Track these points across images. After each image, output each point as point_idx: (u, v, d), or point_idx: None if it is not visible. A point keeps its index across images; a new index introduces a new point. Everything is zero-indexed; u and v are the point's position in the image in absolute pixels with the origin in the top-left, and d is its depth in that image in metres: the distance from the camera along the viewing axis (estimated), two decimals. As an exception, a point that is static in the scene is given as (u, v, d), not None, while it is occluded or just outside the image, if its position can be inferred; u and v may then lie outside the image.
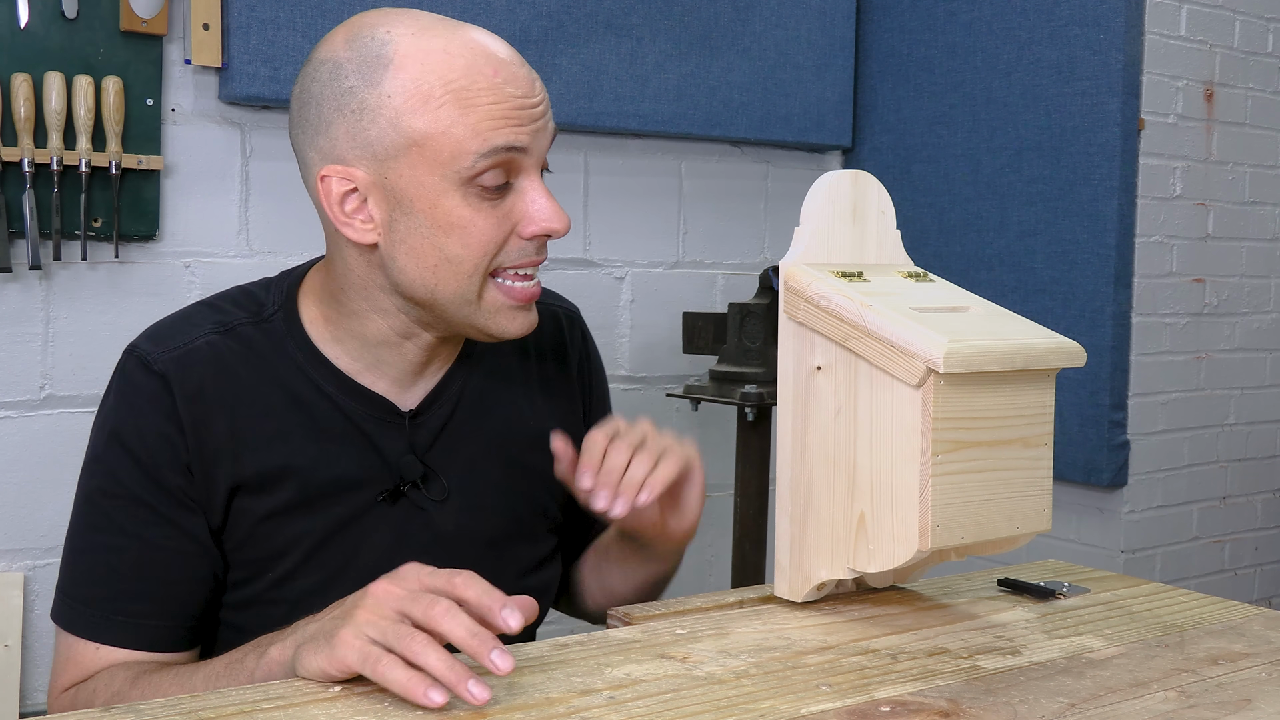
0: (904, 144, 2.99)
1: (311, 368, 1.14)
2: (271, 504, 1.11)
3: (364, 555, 1.14)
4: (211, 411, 1.10)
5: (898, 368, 0.98)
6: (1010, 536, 1.05)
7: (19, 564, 2.19)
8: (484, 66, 1.05)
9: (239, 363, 1.12)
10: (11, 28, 2.09)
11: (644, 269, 2.86)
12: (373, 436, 1.15)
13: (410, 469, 1.15)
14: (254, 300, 1.17)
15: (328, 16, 2.33)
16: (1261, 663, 1.00)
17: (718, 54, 2.83)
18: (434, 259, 1.07)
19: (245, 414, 1.11)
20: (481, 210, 1.06)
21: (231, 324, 1.14)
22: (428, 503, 1.16)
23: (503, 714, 0.83)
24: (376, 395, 1.15)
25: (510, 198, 1.08)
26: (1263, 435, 2.93)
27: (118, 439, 1.10)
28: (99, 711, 0.81)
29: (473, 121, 1.04)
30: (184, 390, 1.09)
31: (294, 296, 1.17)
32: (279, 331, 1.14)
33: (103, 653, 1.09)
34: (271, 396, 1.12)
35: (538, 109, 1.08)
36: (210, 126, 2.33)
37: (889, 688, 0.90)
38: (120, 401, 1.12)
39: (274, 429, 1.12)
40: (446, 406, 1.19)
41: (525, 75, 1.08)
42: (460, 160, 1.04)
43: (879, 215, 1.12)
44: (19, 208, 2.10)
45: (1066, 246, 2.65)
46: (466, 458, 1.19)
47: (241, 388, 1.12)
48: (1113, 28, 2.57)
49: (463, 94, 1.04)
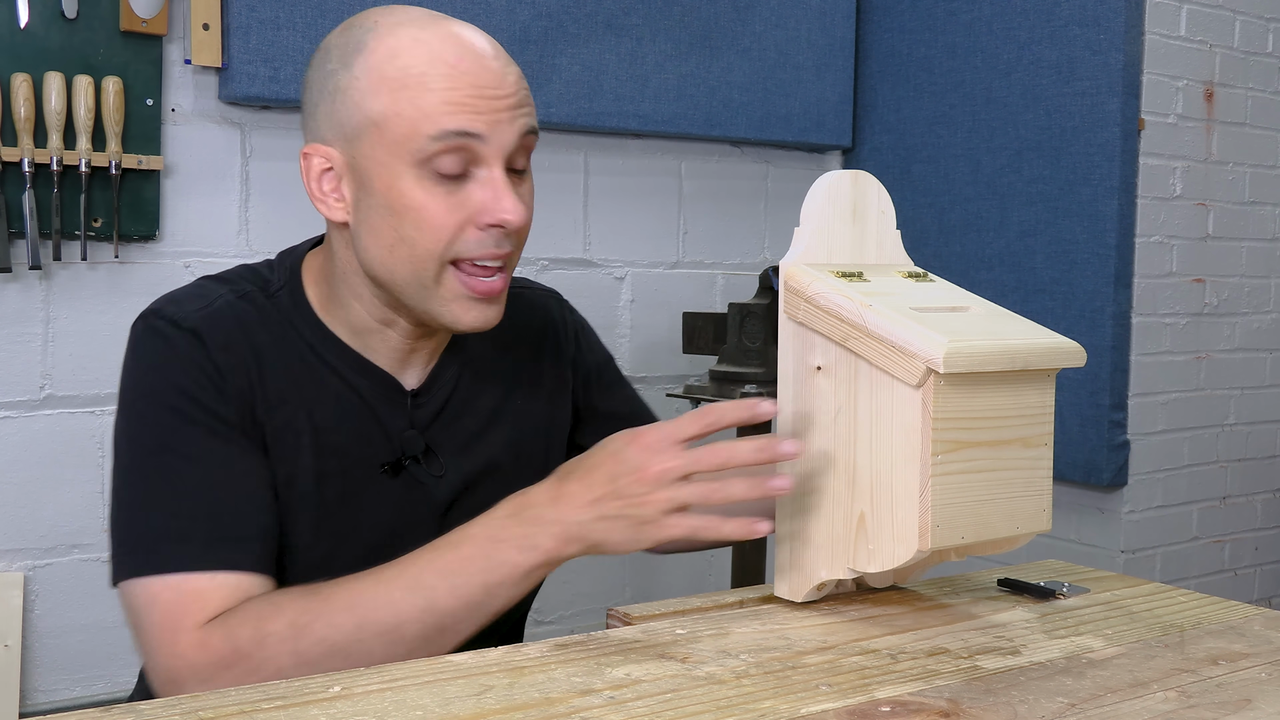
0: (904, 144, 2.99)
1: (318, 342, 1.16)
2: (289, 465, 1.12)
3: (364, 526, 1.16)
4: (240, 364, 1.11)
5: (898, 368, 0.98)
6: (1010, 536, 1.05)
7: (19, 564, 2.19)
8: (448, 53, 1.07)
9: (257, 324, 1.14)
10: (11, 28, 2.09)
11: (644, 269, 2.86)
12: (377, 411, 1.17)
13: (412, 443, 1.18)
14: (259, 276, 1.19)
15: (328, 16, 2.33)
16: (1261, 663, 1.00)
17: (718, 54, 2.83)
18: (390, 239, 1.09)
19: (267, 371, 1.13)
20: (435, 195, 1.08)
21: (244, 292, 1.16)
22: (427, 477, 1.19)
23: (503, 714, 0.83)
24: (382, 372, 1.18)
25: (469, 186, 1.09)
26: (1263, 435, 2.93)
27: (165, 386, 1.08)
28: (99, 712, 0.81)
29: (427, 105, 1.06)
30: (214, 342, 1.10)
31: (297, 274, 1.19)
32: (286, 306, 1.17)
33: (220, 580, 1.04)
34: (287, 362, 1.14)
35: (502, 100, 1.08)
36: (210, 126, 2.33)
37: (889, 688, 0.90)
38: (152, 358, 1.10)
39: (290, 393, 1.13)
40: (446, 388, 1.21)
41: (496, 67, 1.09)
42: (413, 142, 1.06)
43: (879, 215, 1.12)
44: (19, 208, 2.11)
45: (1066, 246, 2.65)
46: (463, 438, 1.22)
47: (261, 349, 1.13)
48: (1113, 28, 2.57)
49: (421, 78, 1.07)
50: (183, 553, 1.04)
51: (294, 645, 1.00)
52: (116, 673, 2.30)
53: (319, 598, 1.02)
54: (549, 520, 1.01)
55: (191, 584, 1.03)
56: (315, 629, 1.00)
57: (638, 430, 1.01)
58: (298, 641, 1.00)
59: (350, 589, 1.02)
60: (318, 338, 1.16)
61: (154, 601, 1.03)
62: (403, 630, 1.01)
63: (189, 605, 1.02)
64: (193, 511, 1.05)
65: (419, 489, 1.19)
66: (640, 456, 0.99)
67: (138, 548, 1.05)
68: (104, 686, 2.29)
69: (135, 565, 1.05)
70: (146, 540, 1.05)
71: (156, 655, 1.02)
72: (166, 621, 1.02)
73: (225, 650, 1.00)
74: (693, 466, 0.98)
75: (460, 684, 0.88)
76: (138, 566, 1.05)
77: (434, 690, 0.86)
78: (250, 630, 1.00)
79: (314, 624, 1.00)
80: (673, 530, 0.99)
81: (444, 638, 1.02)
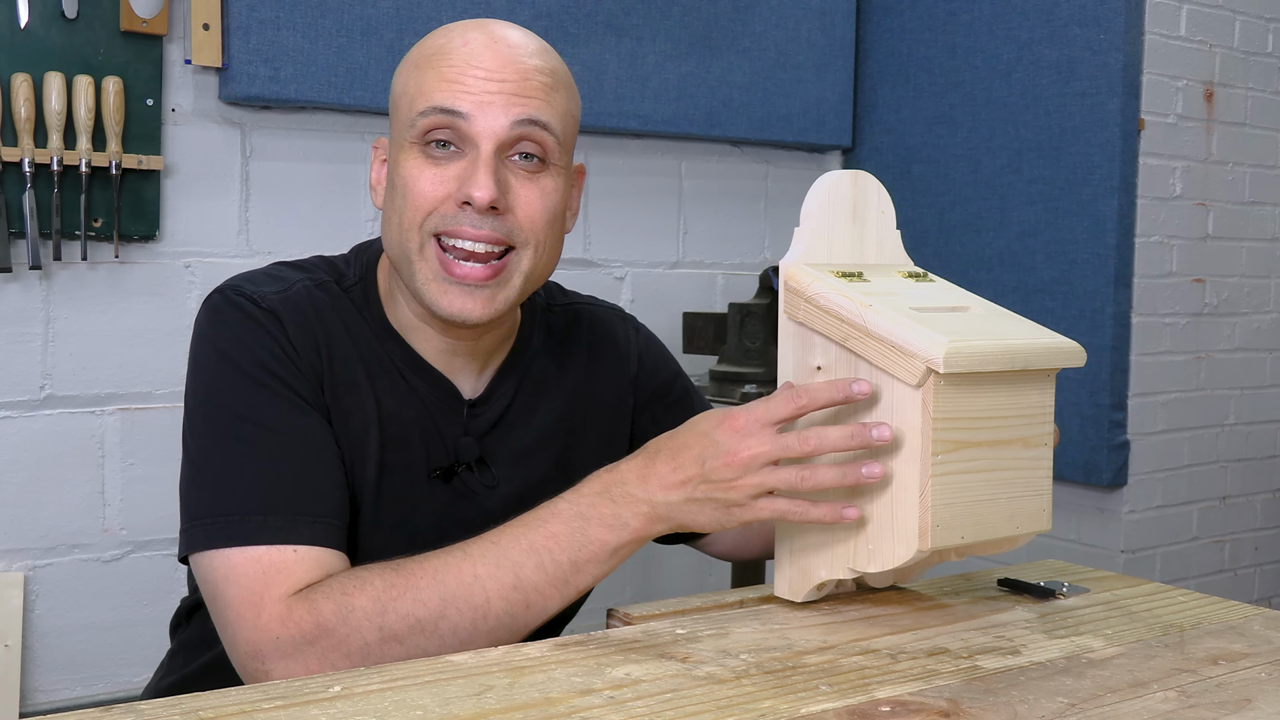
0: (904, 144, 2.99)
1: (384, 339, 1.17)
2: (349, 451, 1.12)
3: (413, 525, 1.15)
4: (314, 346, 1.12)
5: (898, 368, 0.98)
6: (1010, 536, 1.05)
7: (19, 564, 2.19)
8: (460, 42, 1.10)
9: (331, 312, 1.15)
10: (11, 28, 2.09)
11: (644, 269, 2.86)
12: (435, 416, 1.17)
13: (467, 451, 1.18)
14: (335, 269, 1.20)
15: (328, 16, 2.33)
16: (1261, 663, 1.00)
17: (718, 54, 2.83)
18: (390, 213, 1.13)
19: (337, 357, 1.13)
20: (426, 170, 1.10)
21: (321, 281, 1.17)
22: (479, 486, 1.19)
23: (503, 714, 0.83)
24: (442, 377, 1.18)
25: (458, 164, 1.10)
26: (1263, 435, 2.93)
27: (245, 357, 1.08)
28: (99, 712, 0.81)
29: (425, 83, 1.10)
30: (293, 322, 1.11)
31: (373, 269, 1.20)
32: (358, 300, 1.18)
33: (305, 553, 1.02)
34: (356, 354, 1.15)
35: (496, 84, 1.09)
36: (210, 126, 2.33)
37: (889, 688, 0.90)
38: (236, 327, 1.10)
39: (358, 382, 1.14)
40: (503, 400, 1.21)
41: (504, 54, 1.10)
42: (409, 118, 1.10)
43: (879, 215, 1.12)
44: (19, 208, 2.11)
45: (1066, 246, 2.65)
46: (519, 450, 1.21)
47: (333, 336, 1.14)
48: (1113, 28, 2.57)
49: (427, 60, 1.11)
50: (265, 525, 1.02)
51: (380, 620, 0.98)
52: (116, 673, 2.30)
53: (404, 573, 1.00)
54: (638, 499, 1.01)
55: (274, 556, 1.01)
56: (401, 604, 0.99)
57: (728, 411, 1.01)
58: (384, 616, 0.98)
59: (437, 564, 1.01)
60: (384, 335, 1.17)
61: (235, 574, 1.01)
62: (490, 606, 1.00)
63: (272, 578, 1.00)
64: (276, 483, 1.04)
65: (470, 497, 1.18)
66: (730, 440, 0.99)
67: (216, 518, 1.03)
68: (104, 686, 2.29)
69: (213, 537, 1.03)
70: (226, 511, 1.03)
71: (238, 629, 1.00)
72: (249, 596, 1.00)
73: (309, 624, 0.98)
74: (783, 453, 0.98)
75: (460, 684, 0.88)
76: (216, 538, 1.02)
77: (434, 690, 0.86)
78: (335, 604, 0.99)
79: (400, 599, 0.99)
80: (761, 512, 1.00)
81: (529, 614, 1.02)
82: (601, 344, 1.31)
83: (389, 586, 0.99)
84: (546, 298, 1.31)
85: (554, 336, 1.28)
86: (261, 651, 0.99)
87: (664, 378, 1.35)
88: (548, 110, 1.11)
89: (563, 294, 1.34)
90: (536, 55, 1.12)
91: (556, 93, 1.12)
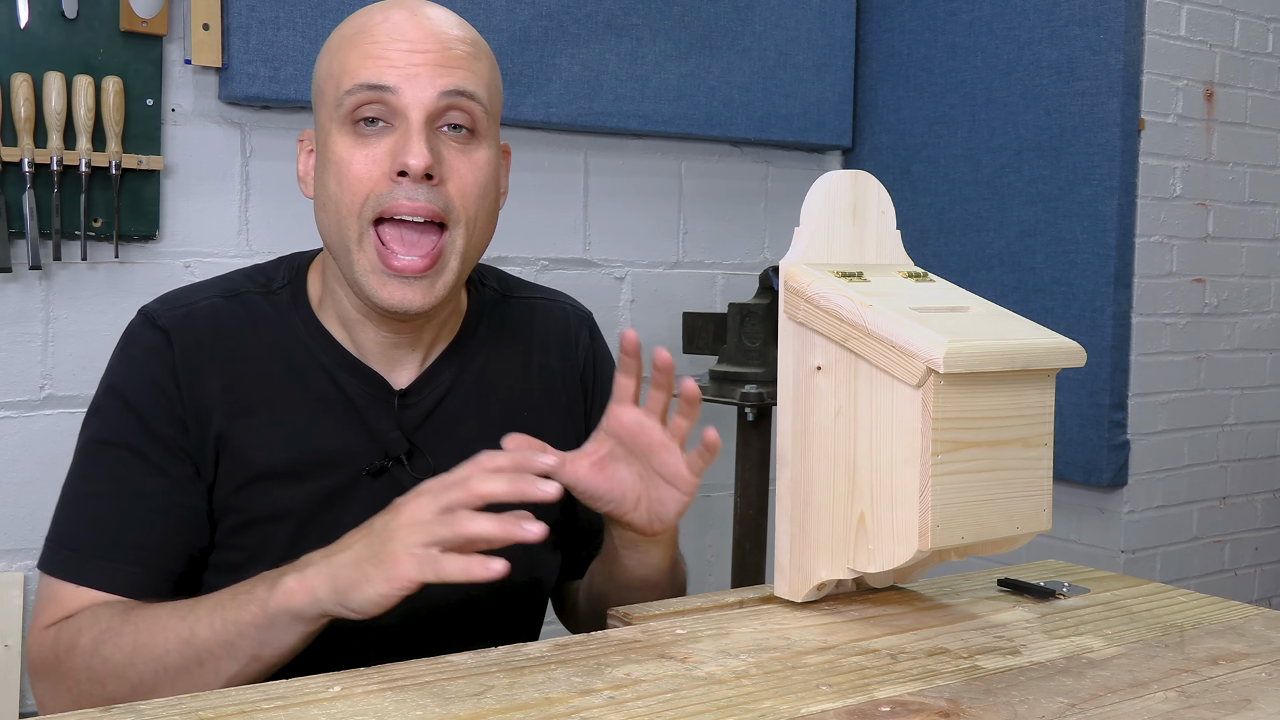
0: (904, 144, 2.99)
1: (311, 340, 1.16)
2: (259, 468, 1.12)
3: (347, 529, 1.13)
4: (208, 369, 1.13)
5: (898, 368, 0.98)
6: (1010, 536, 1.05)
7: (19, 564, 2.19)
8: (381, 19, 1.11)
9: (240, 327, 1.15)
10: (11, 28, 2.09)
11: (644, 269, 2.86)
12: (363, 412, 1.16)
13: (395, 445, 1.16)
14: (264, 274, 1.21)
15: (328, 16, 2.33)
16: (1261, 663, 1.00)
17: (718, 54, 2.83)
18: (323, 199, 1.12)
19: (240, 376, 1.13)
20: (357, 149, 1.09)
21: (238, 291, 1.18)
22: (411, 481, 1.15)
23: (503, 714, 0.83)
24: (372, 371, 1.17)
25: (390, 139, 1.09)
26: (1263, 435, 2.93)
27: (116, 390, 1.14)
28: (99, 712, 0.81)
29: (349, 61, 1.10)
30: (183, 345, 1.13)
31: (303, 273, 1.20)
32: (285, 304, 1.17)
33: (81, 594, 1.08)
34: (269, 364, 1.15)
35: (421, 55, 1.09)
36: (210, 126, 2.33)
37: (889, 688, 0.90)
38: (123, 355, 1.16)
39: (267, 395, 1.14)
40: (440, 389, 1.19)
41: (426, 26, 1.10)
42: (334, 98, 1.10)
43: (879, 215, 1.12)
44: (19, 208, 2.10)
45: (1066, 246, 2.65)
46: (459, 442, 1.18)
47: (239, 350, 1.14)
48: (1113, 28, 2.57)
49: (349, 41, 1.11)
50: (68, 560, 1.09)
51: (89, 661, 1.02)
52: (116, 673, 2.30)
53: (122, 618, 1.04)
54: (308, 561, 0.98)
55: (58, 590, 1.09)
56: (106, 648, 1.02)
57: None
58: (92, 659, 1.02)
59: (148, 613, 1.03)
60: (311, 335, 1.16)
61: (38, 590, 1.11)
62: (166, 660, 1.00)
63: (49, 606, 1.09)
64: (91, 523, 1.10)
65: (403, 493, 1.17)
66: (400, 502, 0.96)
67: (49, 543, 1.12)
68: (104, 686, 2.29)
69: (41, 558, 1.12)
70: (52, 536, 1.11)
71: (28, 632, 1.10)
72: (35, 609, 1.10)
73: (48, 654, 1.05)
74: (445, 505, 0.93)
75: (460, 684, 0.88)
76: (42, 559, 1.12)
77: (434, 690, 0.86)
78: (67, 640, 1.05)
79: (107, 644, 1.03)
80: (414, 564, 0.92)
81: (204, 672, 0.99)
82: (554, 340, 1.29)
83: (105, 630, 1.03)
84: (502, 289, 1.29)
85: (506, 328, 1.26)
86: (28, 671, 1.08)
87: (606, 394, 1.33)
88: (473, 80, 1.11)
89: (522, 287, 1.32)
90: (457, 27, 1.13)
91: (480, 62, 1.13)
